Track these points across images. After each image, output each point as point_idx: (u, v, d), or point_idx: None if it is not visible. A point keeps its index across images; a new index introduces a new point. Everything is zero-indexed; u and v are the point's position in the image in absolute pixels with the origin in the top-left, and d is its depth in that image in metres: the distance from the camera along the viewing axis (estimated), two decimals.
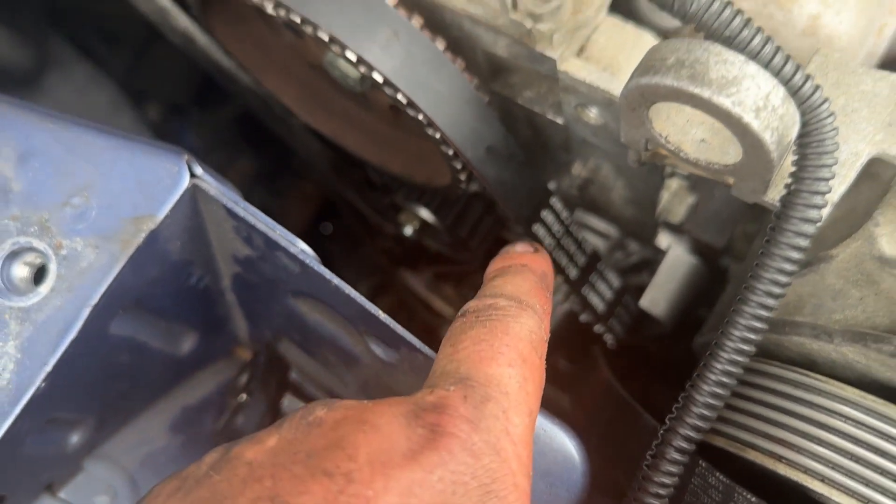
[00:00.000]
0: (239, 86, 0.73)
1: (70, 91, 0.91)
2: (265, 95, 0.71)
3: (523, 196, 0.56)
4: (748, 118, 0.33)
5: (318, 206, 1.13)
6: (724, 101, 0.33)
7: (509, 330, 0.36)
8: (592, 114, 0.50)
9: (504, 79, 0.54)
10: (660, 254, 0.67)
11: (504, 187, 0.54)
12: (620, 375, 0.65)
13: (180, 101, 1.08)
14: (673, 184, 0.59)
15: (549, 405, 0.89)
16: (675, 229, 0.63)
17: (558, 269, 0.62)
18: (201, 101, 1.07)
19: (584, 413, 0.68)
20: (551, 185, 0.67)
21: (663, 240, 0.65)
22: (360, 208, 0.85)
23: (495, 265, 0.44)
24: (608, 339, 0.69)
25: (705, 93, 0.33)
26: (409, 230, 0.74)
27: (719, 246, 0.62)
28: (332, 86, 0.60)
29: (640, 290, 0.68)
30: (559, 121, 0.53)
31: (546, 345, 0.38)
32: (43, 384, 0.42)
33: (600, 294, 0.65)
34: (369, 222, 0.88)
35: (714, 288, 0.66)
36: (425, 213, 0.73)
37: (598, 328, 0.68)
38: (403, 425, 0.31)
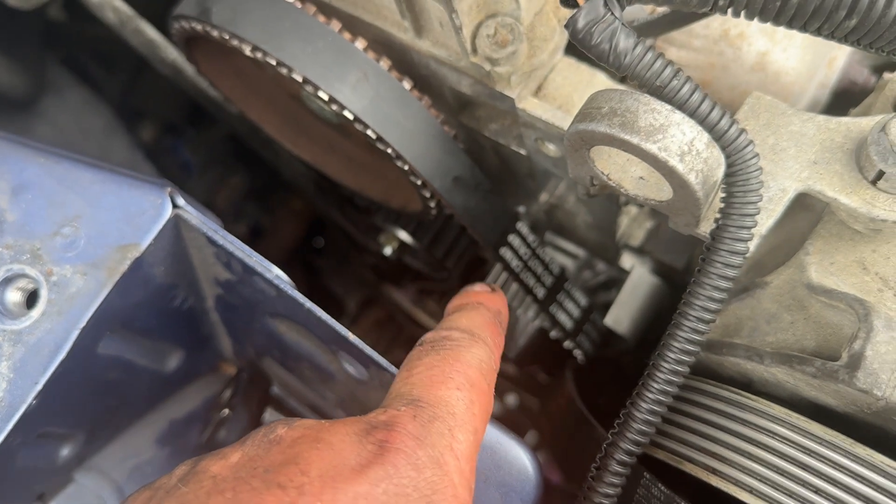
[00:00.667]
0: (226, 113, 0.77)
1: (66, 115, 0.93)
2: (251, 122, 0.75)
3: (490, 222, 0.59)
4: (673, 162, 0.37)
5: (309, 221, 1.16)
6: (651, 147, 0.37)
7: (460, 358, 0.39)
8: (551, 147, 0.53)
9: (471, 112, 0.58)
10: (625, 273, 0.70)
11: (471, 214, 0.57)
12: (591, 388, 0.68)
13: (175, 120, 1.10)
14: (632, 210, 0.62)
15: (522, 410, 0.92)
16: (637, 251, 0.66)
17: (526, 289, 0.65)
18: (195, 120, 1.10)
19: (549, 424, 0.71)
20: (521, 209, 0.71)
21: (627, 261, 0.68)
22: (344, 227, 0.88)
23: (454, 302, 0.47)
24: (577, 354, 0.72)
25: (634, 139, 0.37)
26: (388, 250, 0.77)
27: (679, 266, 0.65)
28: (312, 114, 0.64)
29: (608, 307, 0.71)
30: (522, 152, 0.57)
31: (496, 374, 0.41)
32: (34, 401, 0.45)
33: (568, 312, 0.69)
34: (354, 239, 0.91)
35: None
36: (403, 235, 0.76)
37: (567, 344, 0.71)
38: (355, 442, 0.34)
